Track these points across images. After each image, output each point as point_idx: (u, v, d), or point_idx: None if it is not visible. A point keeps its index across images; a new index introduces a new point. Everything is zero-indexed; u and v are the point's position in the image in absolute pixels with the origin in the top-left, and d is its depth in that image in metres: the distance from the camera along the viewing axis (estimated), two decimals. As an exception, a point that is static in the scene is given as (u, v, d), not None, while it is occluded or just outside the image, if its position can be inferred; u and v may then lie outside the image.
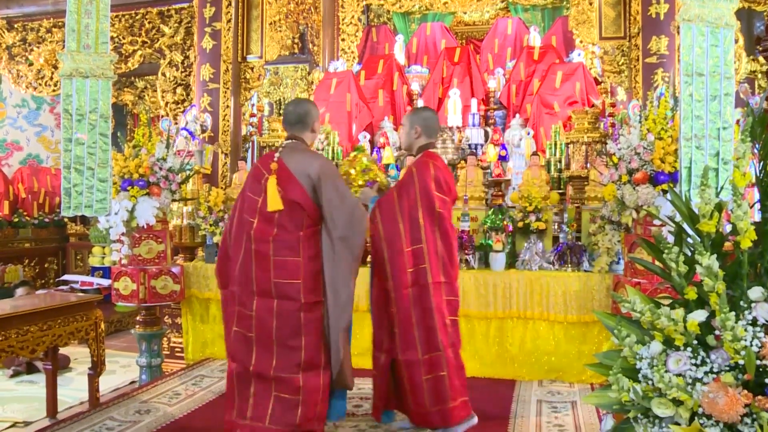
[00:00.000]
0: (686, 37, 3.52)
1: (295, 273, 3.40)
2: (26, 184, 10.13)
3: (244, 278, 3.46)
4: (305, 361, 3.38)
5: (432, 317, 3.66)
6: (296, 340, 3.38)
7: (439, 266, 3.76)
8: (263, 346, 3.40)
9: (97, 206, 4.39)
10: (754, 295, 1.96)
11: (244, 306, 3.46)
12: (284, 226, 3.43)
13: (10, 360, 5.94)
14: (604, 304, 4.94)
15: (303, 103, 3.79)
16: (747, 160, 2.13)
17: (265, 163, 3.57)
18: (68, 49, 4.27)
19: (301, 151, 3.59)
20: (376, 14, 10.48)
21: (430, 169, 3.82)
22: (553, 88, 7.35)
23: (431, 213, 3.75)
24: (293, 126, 3.69)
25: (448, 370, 3.68)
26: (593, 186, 5.44)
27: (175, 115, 7.84)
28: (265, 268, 3.41)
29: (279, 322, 3.37)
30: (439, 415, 3.68)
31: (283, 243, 3.41)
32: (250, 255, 3.45)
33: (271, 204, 3.42)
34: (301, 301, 3.39)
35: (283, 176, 3.46)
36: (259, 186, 3.51)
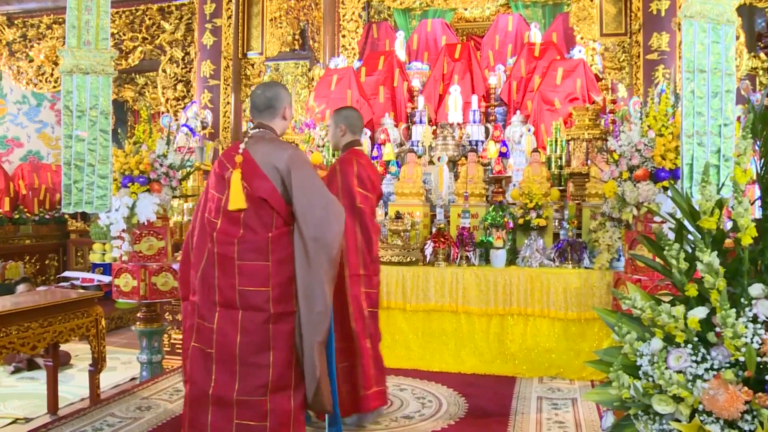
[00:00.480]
0: (687, 34, 3.52)
1: (263, 279, 2.96)
2: (27, 180, 10.13)
3: (205, 286, 3.04)
4: (273, 381, 2.94)
5: (347, 308, 3.76)
6: (263, 357, 2.93)
7: (358, 260, 3.87)
8: (225, 364, 2.95)
9: (98, 203, 4.39)
10: (755, 292, 1.95)
11: (203, 318, 3.03)
12: (251, 226, 3.00)
13: (11, 357, 5.94)
14: (605, 301, 4.95)
15: (273, 87, 3.34)
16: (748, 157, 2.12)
17: (230, 155, 3.15)
18: (68, 46, 4.26)
19: (269, 141, 3.16)
20: (377, 10, 10.47)
21: (353, 165, 3.93)
22: (553, 85, 7.34)
23: (351, 208, 3.82)
24: (261, 112, 3.26)
25: (362, 359, 3.80)
26: (594, 183, 5.43)
27: (176, 111, 7.85)
28: (229, 274, 2.98)
29: (244, 336, 2.94)
30: (352, 402, 3.79)
31: (250, 245, 2.99)
32: (213, 260, 3.02)
33: (233, 202, 3.01)
34: (270, 312, 2.95)
35: (249, 170, 3.04)
36: (222, 182, 3.10)
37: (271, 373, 2.93)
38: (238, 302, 2.96)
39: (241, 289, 2.96)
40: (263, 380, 2.93)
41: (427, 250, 5.39)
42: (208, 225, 3.10)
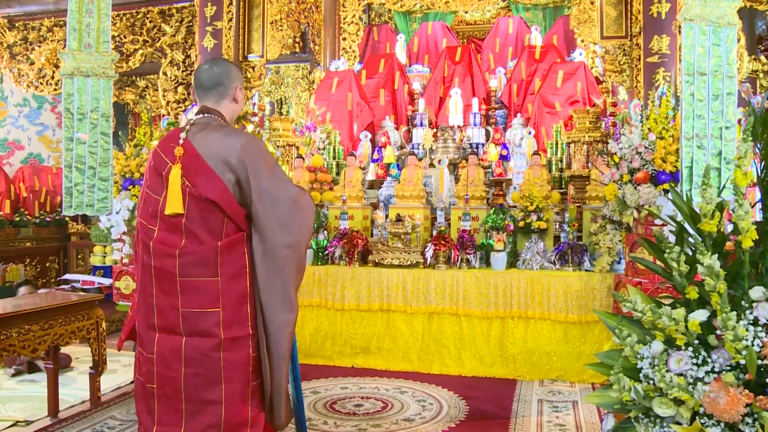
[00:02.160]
0: (688, 37, 3.53)
1: (212, 299, 2.43)
2: (27, 183, 10.13)
3: (143, 307, 2.55)
4: (227, 419, 2.43)
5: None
6: (214, 392, 2.42)
7: None
8: (168, 403, 2.47)
9: (99, 205, 4.39)
10: (756, 295, 1.95)
11: (143, 346, 2.55)
12: (195, 234, 2.45)
13: (11, 359, 5.93)
14: (605, 304, 4.94)
15: (221, 63, 2.71)
16: (748, 159, 2.12)
17: (167, 147, 2.54)
18: (69, 48, 4.27)
19: (215, 129, 2.53)
20: (378, 13, 10.49)
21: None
22: (554, 88, 7.35)
23: None
24: (207, 92, 2.63)
25: None
26: (594, 185, 5.43)
27: (177, 114, 7.85)
28: (169, 293, 2.45)
29: (189, 368, 2.42)
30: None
31: (194, 258, 2.44)
32: (150, 275, 2.50)
33: (171, 205, 2.45)
34: (220, 337, 2.41)
35: (192, 165, 2.46)
36: (160, 180, 2.52)
37: (223, 411, 2.42)
38: (182, 327, 2.43)
39: (185, 310, 2.43)
40: (214, 419, 2.42)
41: (428, 253, 5.39)
42: (144, 232, 2.55)
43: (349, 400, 4.59)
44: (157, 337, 2.49)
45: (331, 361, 5.51)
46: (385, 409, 4.39)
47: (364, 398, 4.62)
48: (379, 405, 4.49)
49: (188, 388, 2.43)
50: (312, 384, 4.98)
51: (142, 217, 2.57)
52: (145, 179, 2.64)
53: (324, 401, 4.55)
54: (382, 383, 4.98)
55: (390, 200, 6.34)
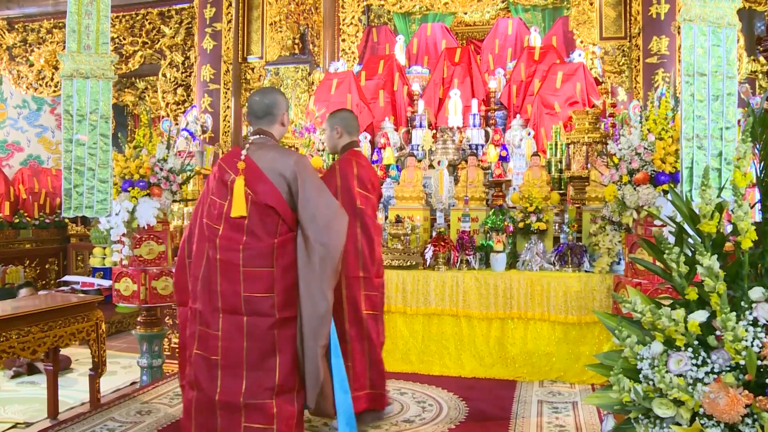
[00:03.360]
0: (687, 37, 3.52)
1: (269, 286, 2.97)
2: (27, 184, 10.13)
3: (207, 293, 3.04)
4: (279, 384, 2.96)
5: (342, 310, 3.76)
6: (270, 361, 2.96)
7: (358, 261, 3.86)
8: (231, 370, 2.96)
9: (98, 207, 4.39)
10: (755, 296, 1.95)
11: (207, 326, 3.03)
12: (255, 233, 3.00)
13: (11, 361, 5.94)
14: (605, 305, 4.94)
15: (271, 93, 3.30)
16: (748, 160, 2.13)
17: (231, 161, 3.13)
18: (69, 50, 4.27)
19: (271, 148, 3.16)
20: (377, 15, 10.49)
21: (353, 166, 3.92)
22: (553, 89, 7.35)
23: (353, 209, 3.80)
24: (260, 119, 3.24)
25: (354, 362, 3.78)
26: (594, 186, 5.43)
27: (176, 115, 7.85)
28: (233, 281, 2.98)
29: (250, 342, 2.95)
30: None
31: (255, 252, 2.98)
32: (215, 266, 3.01)
33: (236, 209, 3.01)
34: (275, 317, 2.96)
35: (253, 177, 3.04)
36: (224, 188, 3.09)
37: (277, 377, 2.96)
38: (243, 308, 2.97)
39: (246, 295, 2.96)
40: (270, 383, 2.95)
41: (428, 254, 5.39)
42: (209, 231, 3.07)
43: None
44: (221, 317, 3.00)
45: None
46: (384, 411, 4.39)
47: (364, 399, 4.61)
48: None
49: (249, 359, 2.95)
50: (312, 385, 4.98)
51: (208, 219, 3.12)
52: (209, 188, 3.21)
53: (324, 402, 4.54)
54: (382, 384, 4.98)
55: (389, 201, 6.34)
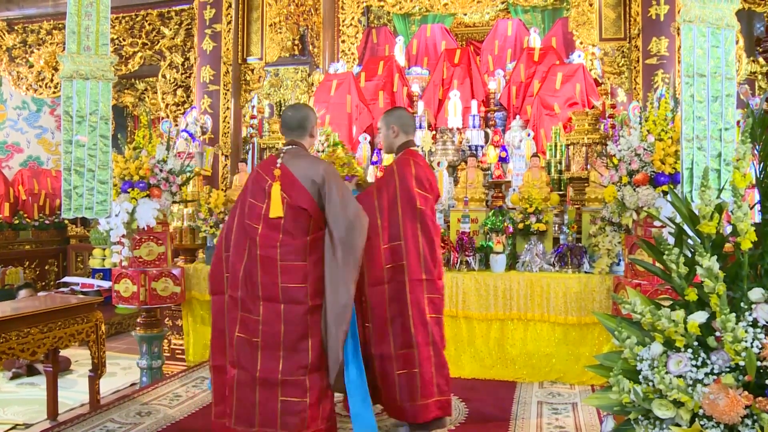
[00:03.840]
0: (687, 38, 3.53)
1: (303, 277, 3.38)
2: (27, 186, 10.13)
3: (249, 284, 3.43)
4: (312, 363, 3.36)
5: (407, 314, 3.68)
6: (303, 343, 3.36)
7: (420, 263, 3.75)
8: (270, 351, 3.36)
9: (98, 208, 4.39)
10: (755, 297, 1.95)
11: (249, 312, 3.42)
12: (290, 231, 3.41)
13: (10, 362, 5.94)
14: (605, 306, 4.94)
15: (302, 108, 3.74)
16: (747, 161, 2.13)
17: (268, 169, 3.55)
18: (68, 51, 4.27)
19: (303, 157, 3.57)
20: (376, 16, 10.50)
21: (411, 166, 3.83)
22: (553, 90, 7.35)
23: (413, 210, 3.75)
24: (293, 131, 3.67)
25: (421, 367, 3.67)
26: (593, 187, 5.43)
27: (176, 116, 7.85)
28: (271, 273, 3.38)
29: (287, 326, 3.35)
30: (410, 410, 3.69)
31: (290, 248, 3.39)
32: (255, 260, 3.42)
33: (273, 210, 3.42)
34: (309, 304, 3.37)
35: (288, 182, 3.45)
36: (262, 192, 3.49)
37: (310, 356, 3.35)
38: (281, 297, 3.36)
39: (283, 285, 3.37)
40: (304, 362, 3.35)
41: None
42: (249, 230, 3.48)
43: (349, 402, 4.58)
44: (261, 305, 3.38)
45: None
46: (384, 412, 4.39)
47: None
48: (378, 407, 4.48)
49: (285, 341, 3.34)
50: (311, 386, 4.98)
51: (248, 219, 3.50)
52: (248, 192, 3.58)
53: (323, 404, 4.54)
54: (382, 385, 4.98)
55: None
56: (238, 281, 3.48)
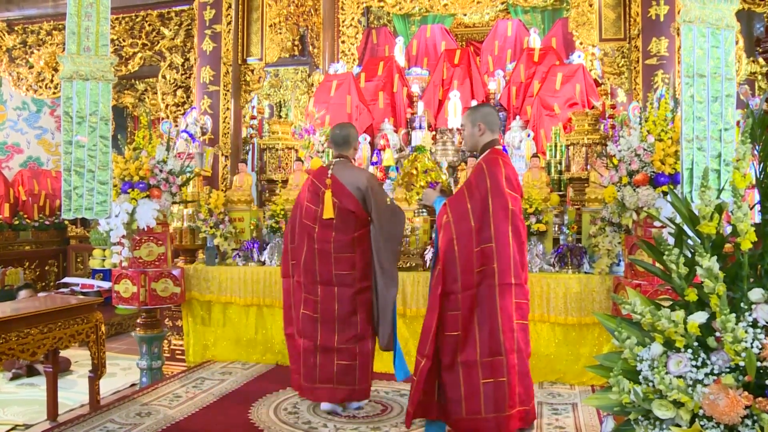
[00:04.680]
0: (687, 39, 3.53)
1: (351, 266, 4.25)
2: (26, 186, 10.13)
3: (309, 271, 4.32)
4: (359, 334, 4.26)
5: (496, 319, 3.55)
6: (353, 318, 4.26)
7: (510, 267, 3.62)
8: (327, 324, 4.26)
9: (98, 209, 4.39)
10: (755, 297, 1.95)
11: (309, 293, 4.32)
12: (341, 229, 4.25)
13: (10, 363, 5.94)
14: (605, 306, 4.94)
15: (346, 127, 4.51)
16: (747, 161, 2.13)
17: (321, 178, 4.35)
18: (68, 52, 4.27)
19: (350, 168, 4.40)
20: (376, 16, 10.50)
21: (501, 166, 3.69)
22: (553, 90, 7.35)
23: (505, 211, 3.62)
24: (340, 146, 4.43)
25: (509, 376, 3.54)
26: (593, 188, 5.43)
27: (176, 117, 7.84)
28: (327, 263, 4.27)
29: (339, 305, 4.25)
30: (494, 422, 3.51)
31: (341, 243, 4.25)
32: (313, 253, 4.30)
33: (326, 213, 4.25)
34: (356, 287, 4.25)
35: (338, 190, 4.26)
36: (317, 197, 4.32)
37: (359, 328, 4.26)
38: (334, 281, 4.25)
39: (336, 272, 4.25)
40: (353, 334, 4.25)
41: (427, 256, 5.39)
42: (308, 228, 4.35)
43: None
44: (320, 288, 4.28)
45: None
46: (384, 412, 4.39)
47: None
48: (378, 408, 4.49)
49: (341, 316, 4.25)
50: (311, 387, 4.98)
51: (306, 219, 4.36)
52: (304, 197, 4.42)
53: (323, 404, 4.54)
54: (382, 386, 4.98)
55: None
56: (300, 269, 4.36)
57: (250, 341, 5.82)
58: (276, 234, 5.94)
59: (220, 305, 5.88)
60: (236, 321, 5.85)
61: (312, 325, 4.28)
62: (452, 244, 3.62)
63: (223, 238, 5.98)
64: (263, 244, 5.97)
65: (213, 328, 5.92)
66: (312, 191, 4.35)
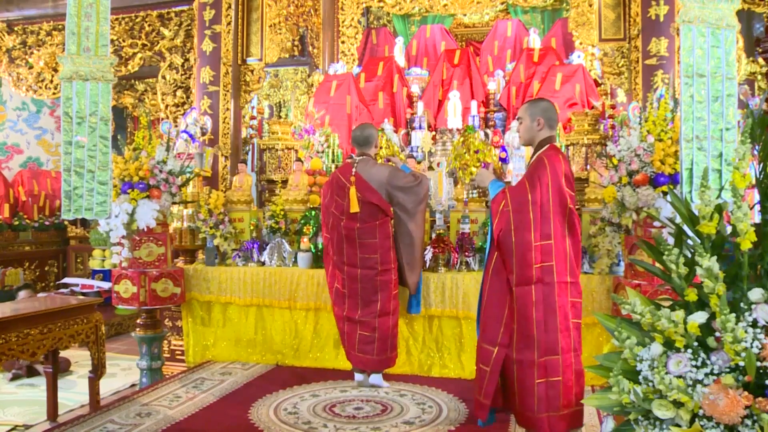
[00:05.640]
0: (686, 39, 3.52)
1: (374, 249, 4.82)
2: (26, 187, 10.13)
3: (339, 254, 4.93)
4: (380, 310, 4.83)
5: (555, 318, 3.55)
6: (375, 296, 4.83)
7: (566, 265, 3.61)
8: (352, 300, 4.88)
9: (98, 209, 4.39)
10: (755, 297, 1.95)
11: (340, 271, 4.94)
12: (364, 219, 4.81)
13: (10, 363, 5.94)
14: (605, 306, 4.94)
15: (367, 128, 5.02)
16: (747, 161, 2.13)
17: (346, 175, 4.89)
18: (68, 52, 4.27)
19: (372, 165, 4.91)
20: (376, 16, 10.50)
21: (561, 162, 3.67)
22: (553, 90, 7.35)
23: (563, 208, 3.61)
24: (362, 146, 4.96)
25: (564, 375, 3.54)
26: (593, 188, 5.44)
27: (175, 117, 7.84)
28: (353, 247, 4.84)
29: (363, 284, 4.83)
30: (547, 422, 3.52)
31: (365, 231, 4.81)
32: (342, 239, 4.88)
33: (352, 207, 4.79)
34: (378, 269, 4.82)
35: (362, 186, 4.80)
36: (343, 192, 4.86)
37: (379, 306, 4.83)
38: (359, 264, 4.85)
39: (361, 256, 4.84)
40: (374, 310, 4.83)
41: (427, 256, 5.38)
42: (335, 218, 4.92)
43: (349, 403, 4.59)
44: (346, 268, 4.90)
45: (331, 364, 5.51)
46: (384, 412, 4.39)
47: (364, 401, 4.62)
48: (378, 408, 4.49)
49: (363, 293, 4.86)
50: (312, 387, 4.98)
51: (335, 210, 4.93)
52: (331, 192, 4.99)
53: (324, 404, 4.55)
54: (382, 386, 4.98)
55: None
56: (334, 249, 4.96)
57: (249, 341, 5.81)
58: (276, 234, 5.94)
59: (219, 305, 5.88)
60: (236, 321, 5.85)
61: (341, 298, 4.94)
62: (509, 235, 3.61)
63: (223, 238, 5.98)
64: (263, 244, 5.97)
65: (213, 328, 5.92)
66: (339, 186, 4.91)
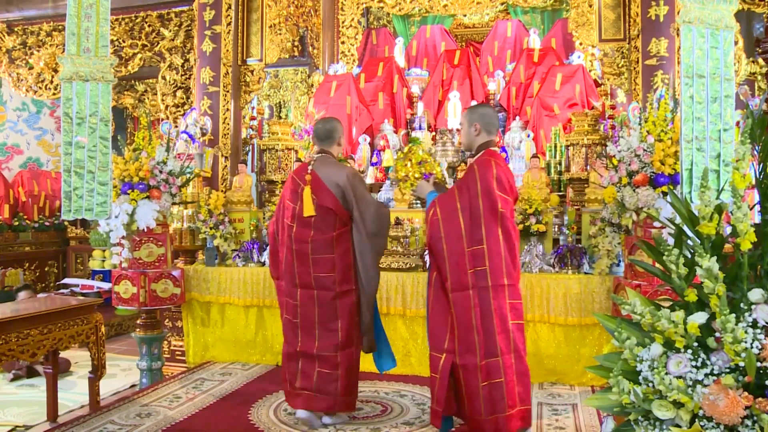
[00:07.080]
0: (686, 39, 3.52)
1: (331, 267, 4.01)
2: (26, 187, 10.12)
3: (288, 273, 4.12)
4: (342, 341, 4.01)
5: (492, 321, 3.58)
6: (334, 324, 4.02)
7: (502, 268, 3.64)
8: (307, 330, 4.06)
9: (98, 210, 4.39)
10: (755, 297, 1.96)
11: (289, 296, 4.13)
12: (319, 228, 4.02)
13: (10, 364, 5.93)
14: (605, 307, 4.94)
15: (330, 121, 4.30)
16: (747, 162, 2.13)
17: (300, 174, 4.16)
18: (68, 53, 4.27)
19: (331, 164, 4.16)
20: (376, 17, 10.50)
21: (492, 167, 3.71)
22: (552, 91, 7.35)
23: (494, 213, 3.65)
24: (323, 141, 4.23)
25: (506, 377, 3.58)
26: (593, 188, 5.44)
27: (175, 118, 7.84)
28: (305, 264, 4.04)
29: (320, 309, 4.02)
30: (492, 424, 3.56)
31: (320, 243, 4.01)
32: (292, 253, 4.08)
33: (306, 210, 4.03)
34: (336, 290, 4.01)
35: (317, 186, 4.05)
36: (296, 195, 4.11)
37: (340, 336, 4.01)
38: (314, 284, 4.02)
39: (315, 275, 4.02)
40: (335, 342, 4.01)
41: (427, 256, 5.39)
42: (287, 228, 4.14)
43: (349, 403, 4.58)
44: (299, 291, 4.08)
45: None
46: (384, 413, 4.39)
47: (364, 402, 4.61)
48: (378, 408, 4.49)
49: (320, 321, 4.03)
50: (311, 388, 4.98)
51: (285, 218, 4.18)
52: (285, 195, 4.23)
53: (323, 405, 4.54)
54: (382, 387, 4.98)
55: (389, 204, 6.33)
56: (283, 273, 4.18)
57: (249, 342, 5.81)
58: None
59: (219, 306, 5.88)
60: (236, 322, 5.85)
61: (292, 330, 4.11)
62: (440, 242, 3.69)
63: (223, 238, 5.98)
64: (263, 244, 5.97)
65: (213, 329, 5.92)
66: (292, 188, 4.16)
